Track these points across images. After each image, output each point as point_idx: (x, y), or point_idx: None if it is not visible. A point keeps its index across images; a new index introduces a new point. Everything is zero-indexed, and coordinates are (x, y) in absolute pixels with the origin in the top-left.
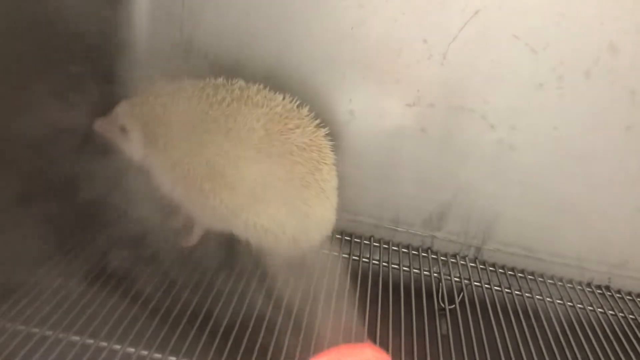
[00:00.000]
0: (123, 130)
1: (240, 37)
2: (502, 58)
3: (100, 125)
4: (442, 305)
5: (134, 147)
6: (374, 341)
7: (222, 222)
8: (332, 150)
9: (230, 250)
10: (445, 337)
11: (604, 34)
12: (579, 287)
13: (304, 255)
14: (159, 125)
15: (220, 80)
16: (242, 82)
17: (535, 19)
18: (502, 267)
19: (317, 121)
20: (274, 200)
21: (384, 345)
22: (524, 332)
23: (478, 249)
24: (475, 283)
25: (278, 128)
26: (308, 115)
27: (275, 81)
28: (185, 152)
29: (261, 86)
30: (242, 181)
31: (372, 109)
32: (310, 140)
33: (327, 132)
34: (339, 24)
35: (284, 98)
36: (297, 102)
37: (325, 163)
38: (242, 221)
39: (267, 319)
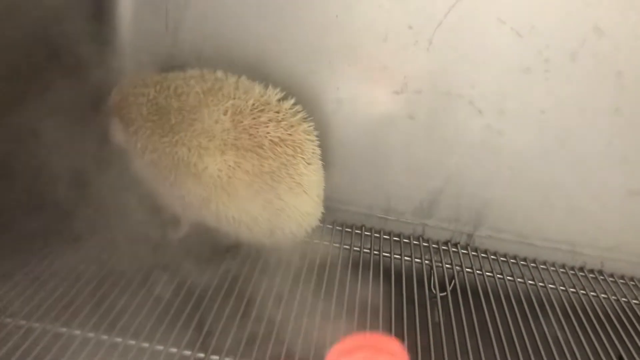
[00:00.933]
0: (109, 115)
1: (226, 26)
2: (488, 43)
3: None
4: (434, 292)
5: (118, 139)
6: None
7: (193, 212)
8: (316, 144)
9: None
10: (437, 325)
11: (589, 16)
12: (572, 272)
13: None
14: (133, 113)
15: (197, 71)
16: (219, 74)
17: (520, 3)
18: (494, 254)
19: (299, 115)
20: (242, 193)
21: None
22: (517, 318)
23: (469, 236)
24: (467, 270)
25: (247, 121)
26: (290, 109)
27: (261, 70)
28: (152, 140)
29: (243, 78)
30: (205, 171)
31: (359, 97)
32: (288, 134)
33: (310, 125)
34: (324, 12)
35: (266, 90)
36: (280, 95)
37: (302, 158)
38: (213, 212)
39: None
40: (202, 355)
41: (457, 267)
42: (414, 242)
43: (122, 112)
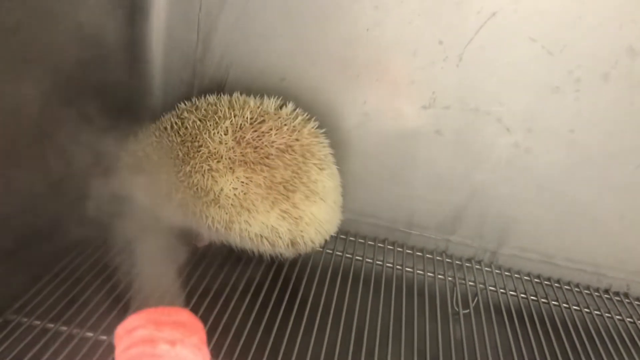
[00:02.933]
0: (130, 185)
1: (255, 40)
2: (518, 60)
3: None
4: (457, 309)
5: (140, 194)
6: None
7: (220, 237)
8: (326, 145)
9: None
10: (459, 342)
11: (622, 37)
12: (597, 294)
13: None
14: (145, 165)
15: (188, 103)
16: (211, 99)
17: (552, 22)
18: (518, 272)
19: (300, 118)
20: (260, 207)
21: (395, 348)
22: (540, 338)
23: (493, 254)
24: (490, 287)
25: (249, 135)
26: (291, 114)
27: (289, 84)
28: (170, 182)
29: (236, 94)
30: (222, 193)
31: (386, 111)
32: (295, 139)
33: (315, 126)
34: (353, 26)
35: (262, 101)
36: (278, 103)
37: (314, 163)
38: (237, 234)
39: None
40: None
41: (481, 285)
42: (437, 257)
43: (135, 167)
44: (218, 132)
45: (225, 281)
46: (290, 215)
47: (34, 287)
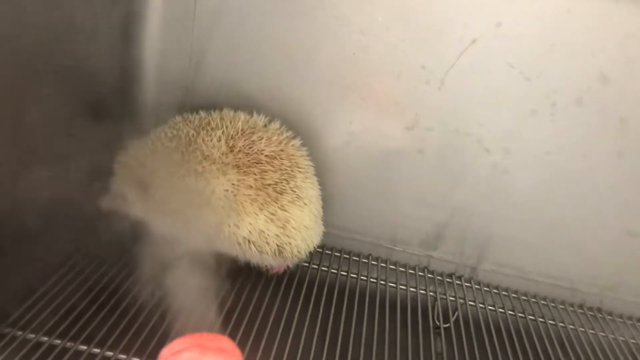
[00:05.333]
0: (124, 198)
1: (245, 64)
2: (497, 85)
3: (106, 203)
4: (437, 323)
5: (136, 208)
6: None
7: (211, 243)
8: (308, 160)
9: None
10: (439, 355)
11: (595, 64)
12: (571, 309)
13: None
14: (140, 172)
15: (179, 117)
16: (202, 113)
17: (528, 49)
18: (497, 288)
19: (286, 134)
20: (249, 208)
21: None
22: (517, 352)
23: (473, 269)
24: (470, 302)
25: (241, 142)
26: (278, 130)
27: (277, 103)
28: (165, 187)
29: (225, 110)
30: (214, 193)
31: (371, 131)
32: (280, 150)
33: (299, 142)
34: (340, 49)
35: (251, 116)
36: (266, 120)
37: (299, 171)
38: (226, 237)
39: None
40: None
41: (461, 300)
42: (419, 273)
43: (130, 177)
44: (211, 140)
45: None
46: (278, 218)
47: (28, 301)
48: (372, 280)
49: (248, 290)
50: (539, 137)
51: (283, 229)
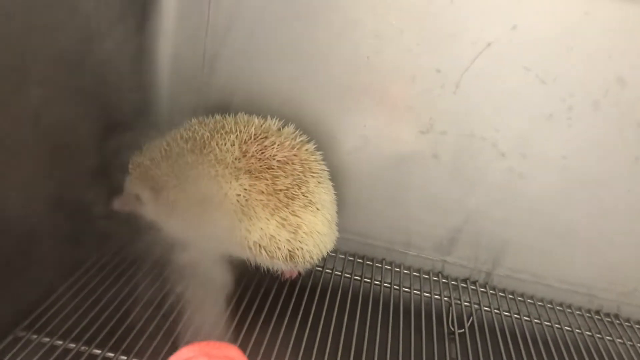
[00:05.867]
0: (138, 198)
1: (259, 66)
2: (513, 88)
3: (119, 204)
4: (452, 329)
5: (149, 209)
6: None
7: (223, 247)
8: (323, 164)
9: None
10: None
11: (612, 67)
12: (588, 315)
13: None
14: (154, 173)
15: (195, 120)
16: (217, 117)
17: (545, 52)
18: (512, 293)
19: (300, 139)
20: (260, 213)
21: None
22: (532, 358)
23: (488, 274)
24: (485, 308)
25: (254, 148)
26: (291, 134)
27: (291, 107)
28: (179, 189)
29: (240, 114)
30: (226, 197)
31: (385, 135)
32: (294, 155)
33: (313, 146)
34: (355, 53)
35: (265, 121)
36: (280, 124)
37: (312, 176)
38: (237, 242)
39: None
40: None
41: (475, 305)
42: (434, 278)
43: (144, 178)
44: (225, 144)
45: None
46: (290, 223)
47: (44, 304)
48: (385, 285)
49: (261, 295)
50: (555, 142)
51: (294, 234)
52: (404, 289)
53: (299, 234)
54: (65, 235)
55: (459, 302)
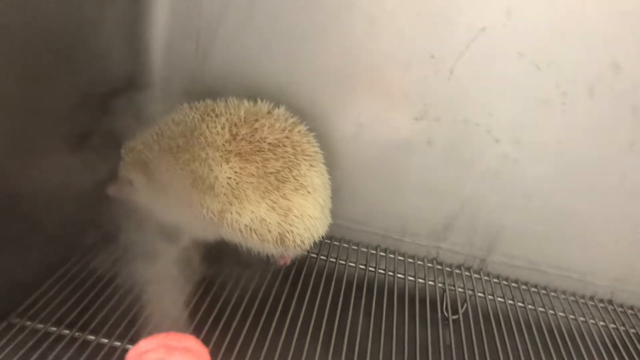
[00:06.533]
0: (131, 183)
1: (253, 52)
2: (507, 74)
3: (113, 190)
4: (446, 315)
5: (140, 192)
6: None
7: (214, 231)
8: (316, 146)
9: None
10: (448, 347)
11: (607, 53)
12: (582, 301)
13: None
14: (146, 156)
15: (186, 104)
16: (208, 101)
17: (539, 37)
18: (506, 279)
19: (291, 120)
20: (251, 196)
21: (387, 353)
22: (526, 344)
23: (483, 261)
24: (479, 294)
25: (244, 130)
26: (284, 116)
27: (285, 95)
28: (171, 172)
29: (230, 98)
30: (217, 180)
31: (380, 122)
32: (285, 137)
33: (305, 128)
34: (348, 39)
35: (255, 104)
36: (270, 107)
37: (304, 159)
38: (229, 224)
39: None
40: None
41: (470, 291)
42: (428, 264)
43: (137, 162)
44: (215, 127)
45: (223, 285)
46: (280, 206)
47: (37, 291)
48: (380, 271)
49: (256, 281)
50: (549, 127)
51: (285, 217)
52: (399, 275)
53: (290, 217)
54: (60, 222)
55: (453, 288)
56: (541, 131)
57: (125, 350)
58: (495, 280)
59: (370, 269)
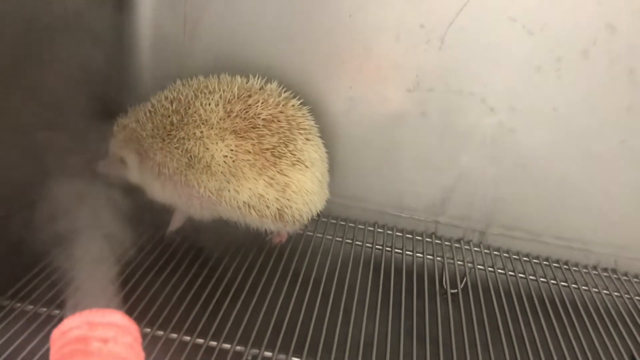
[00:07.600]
0: (122, 161)
1: (241, 31)
2: (499, 41)
3: (103, 167)
4: (445, 289)
5: (133, 171)
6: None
7: (211, 209)
8: (310, 120)
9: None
10: (446, 320)
11: (601, 14)
12: (585, 270)
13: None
14: (139, 134)
15: (179, 82)
16: (201, 78)
17: (531, 1)
18: (507, 251)
19: (284, 94)
20: (248, 173)
21: (382, 327)
22: (527, 316)
23: (482, 234)
24: (479, 267)
25: (238, 107)
26: (277, 91)
27: (275, 70)
28: (165, 150)
29: (223, 75)
30: (213, 159)
31: (372, 95)
32: (279, 112)
33: (299, 103)
34: (337, 12)
35: (247, 80)
36: (262, 83)
37: (300, 133)
38: (227, 202)
39: None
40: None
41: (469, 265)
42: (427, 239)
43: (129, 140)
44: (209, 104)
45: (221, 256)
46: (277, 182)
47: (28, 275)
48: (377, 247)
49: (251, 258)
50: (545, 94)
51: (283, 192)
52: (397, 250)
53: (288, 192)
54: (49, 206)
55: (452, 262)
56: (536, 98)
57: None
58: (496, 252)
59: (367, 245)
